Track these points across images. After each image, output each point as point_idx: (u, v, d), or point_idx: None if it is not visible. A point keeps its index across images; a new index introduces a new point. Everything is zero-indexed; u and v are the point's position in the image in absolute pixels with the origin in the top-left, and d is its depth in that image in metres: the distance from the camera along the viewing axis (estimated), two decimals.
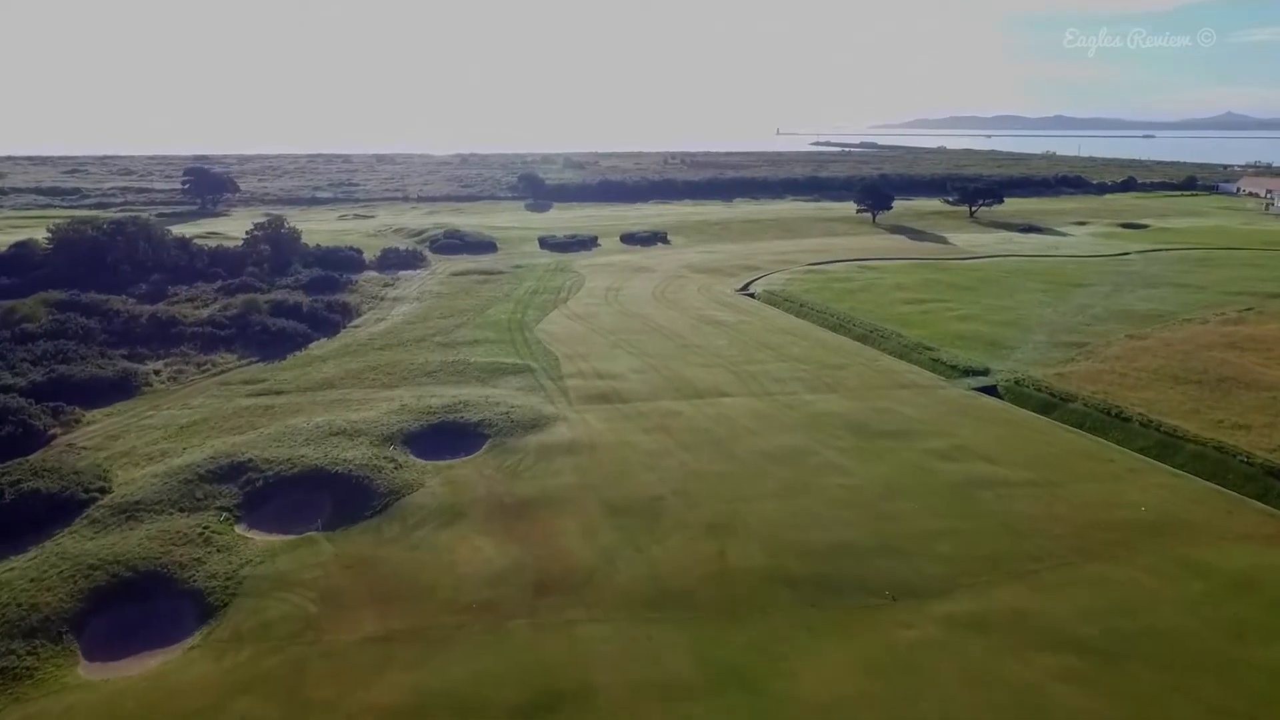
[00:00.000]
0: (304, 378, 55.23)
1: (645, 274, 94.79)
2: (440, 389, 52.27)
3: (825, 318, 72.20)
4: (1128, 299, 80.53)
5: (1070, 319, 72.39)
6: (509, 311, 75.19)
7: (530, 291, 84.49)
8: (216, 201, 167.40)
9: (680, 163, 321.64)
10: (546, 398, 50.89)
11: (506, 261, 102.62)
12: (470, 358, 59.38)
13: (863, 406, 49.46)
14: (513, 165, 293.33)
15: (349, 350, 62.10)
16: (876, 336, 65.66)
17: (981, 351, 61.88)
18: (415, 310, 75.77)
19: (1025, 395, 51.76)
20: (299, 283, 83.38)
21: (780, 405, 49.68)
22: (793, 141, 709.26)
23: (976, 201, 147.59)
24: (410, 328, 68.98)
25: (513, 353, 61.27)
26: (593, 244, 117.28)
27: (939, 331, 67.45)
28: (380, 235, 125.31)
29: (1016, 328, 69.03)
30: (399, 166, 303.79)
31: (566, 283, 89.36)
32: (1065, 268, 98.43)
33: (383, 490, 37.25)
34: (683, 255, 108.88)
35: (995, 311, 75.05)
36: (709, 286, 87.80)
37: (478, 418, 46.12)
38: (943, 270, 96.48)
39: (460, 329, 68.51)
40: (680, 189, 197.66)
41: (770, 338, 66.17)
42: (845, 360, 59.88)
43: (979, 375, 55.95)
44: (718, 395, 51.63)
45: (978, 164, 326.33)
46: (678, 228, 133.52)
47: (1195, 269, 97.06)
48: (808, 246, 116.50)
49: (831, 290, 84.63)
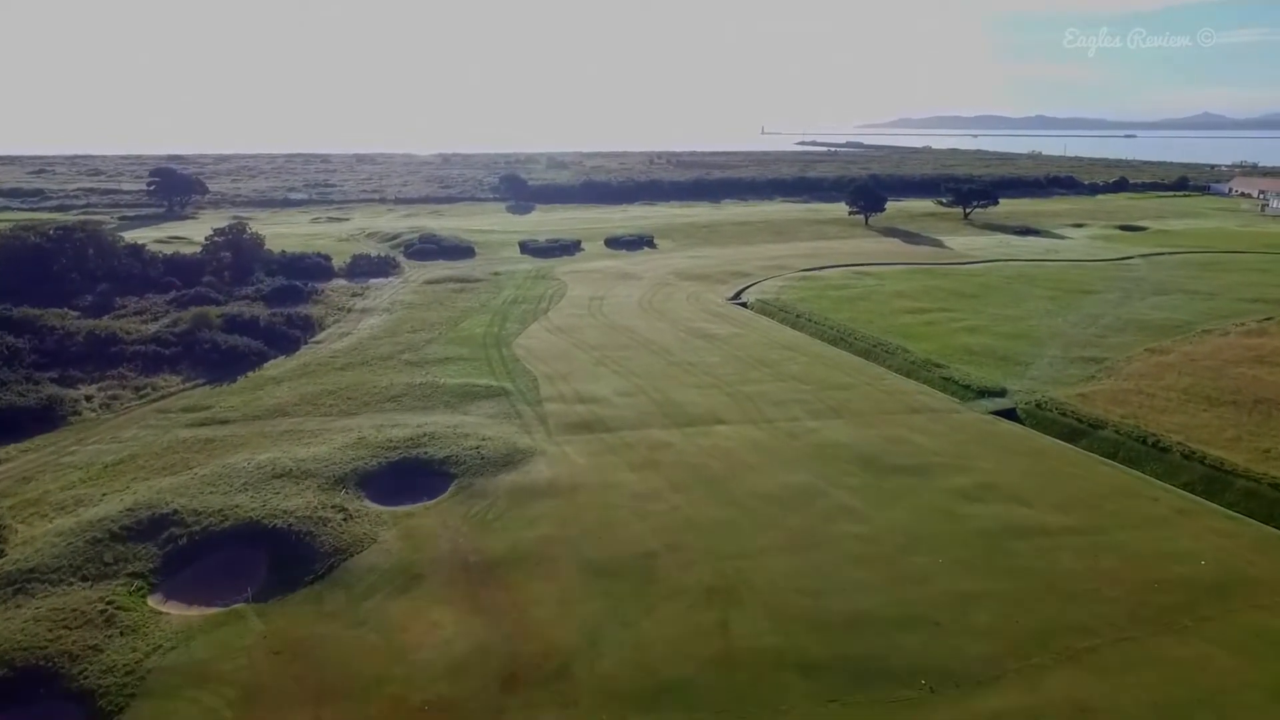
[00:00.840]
0: (253, 404, 49.87)
1: (631, 281, 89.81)
2: (404, 417, 47.09)
3: (824, 330, 67.47)
4: (1139, 307, 76.34)
5: (1083, 330, 68.02)
6: (485, 324, 70.00)
7: (509, 301, 79.31)
8: (184, 204, 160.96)
9: (666, 162, 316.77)
10: (523, 426, 45.82)
11: (485, 268, 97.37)
12: (440, 379, 54.20)
13: (872, 435, 44.68)
14: (495, 165, 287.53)
15: (307, 370, 56.76)
16: (880, 351, 60.98)
17: (994, 368, 57.34)
18: (384, 323, 70.45)
19: (1048, 420, 47.15)
20: (260, 293, 77.88)
21: (781, 434, 44.82)
22: (777, 141, 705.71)
23: (971, 203, 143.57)
24: (377, 343, 63.68)
25: (487, 372, 56.14)
26: (576, 249, 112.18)
27: (946, 345, 62.88)
28: (353, 240, 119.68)
29: (1028, 340, 64.57)
30: (379, 167, 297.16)
31: (548, 291, 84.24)
32: (1069, 273, 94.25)
33: (327, 548, 32.08)
34: (670, 260, 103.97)
35: (1003, 322, 70.59)
36: (698, 295, 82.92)
37: (444, 453, 41.00)
38: (943, 276, 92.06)
39: (431, 345, 63.27)
40: (666, 190, 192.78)
41: (766, 353, 61.35)
42: (849, 379, 55.12)
43: (995, 396, 51.34)
44: (712, 422, 46.71)
45: (965, 164, 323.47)
46: (664, 231, 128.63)
47: (1202, 274, 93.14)
48: (800, 250, 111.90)
49: (828, 299, 79.96)
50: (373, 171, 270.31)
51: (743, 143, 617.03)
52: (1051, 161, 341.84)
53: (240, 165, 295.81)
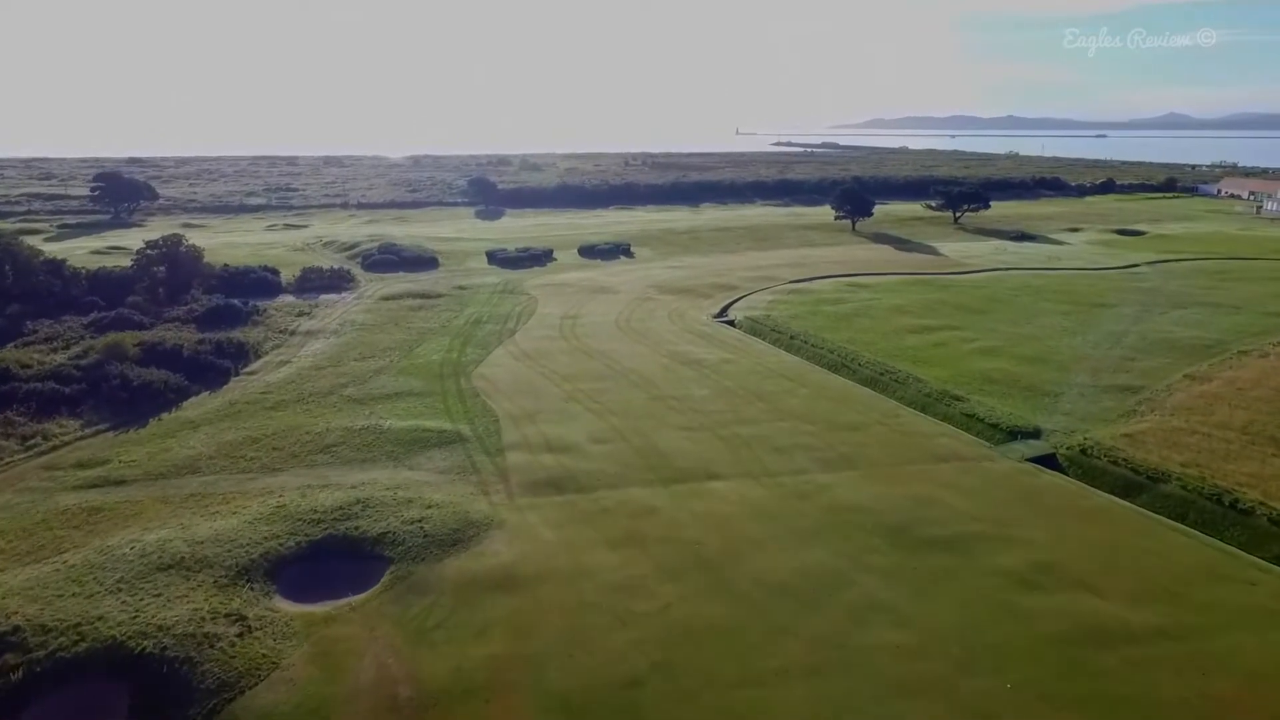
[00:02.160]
0: (160, 457, 41.91)
1: (607, 296, 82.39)
2: (338, 474, 39.40)
3: (822, 354, 60.48)
4: (1162, 323, 70.14)
5: (1108, 352, 61.59)
6: (443, 349, 62.29)
7: (472, 321, 71.59)
8: (132, 210, 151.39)
9: (642, 164, 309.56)
10: (479, 485, 38.29)
11: (448, 281, 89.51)
12: (386, 421, 46.50)
13: (896, 494, 37.62)
14: (467, 168, 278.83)
15: (232, 410, 48.79)
16: (889, 380, 54.05)
17: (1020, 400, 50.62)
18: (329, 348, 62.52)
19: (1097, 470, 40.37)
20: (192, 314, 69.60)
21: (788, 493, 37.65)
22: (753, 142, 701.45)
23: (961, 206, 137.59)
24: (318, 375, 55.81)
25: (441, 411, 48.50)
26: (547, 258, 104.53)
27: (961, 372, 56.12)
28: (307, 250, 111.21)
29: (1050, 365, 57.97)
30: (346, 169, 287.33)
31: (516, 308, 76.61)
32: (1077, 284, 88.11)
33: (211, 682, 24.43)
34: (649, 271, 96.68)
35: (1018, 342, 64.00)
36: (681, 312, 75.67)
37: (380, 527, 33.42)
38: (944, 288, 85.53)
39: (379, 376, 55.51)
40: (643, 193, 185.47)
41: (761, 384, 54.22)
42: (858, 417, 48.09)
43: (1030, 438, 44.51)
44: (704, 477, 39.45)
45: (945, 165, 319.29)
46: (642, 238, 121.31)
47: (1219, 284, 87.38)
48: (786, 259, 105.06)
49: (823, 315, 73.04)
50: (339, 175, 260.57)
51: (718, 143, 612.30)
52: (1031, 162, 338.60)
53: (202, 168, 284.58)
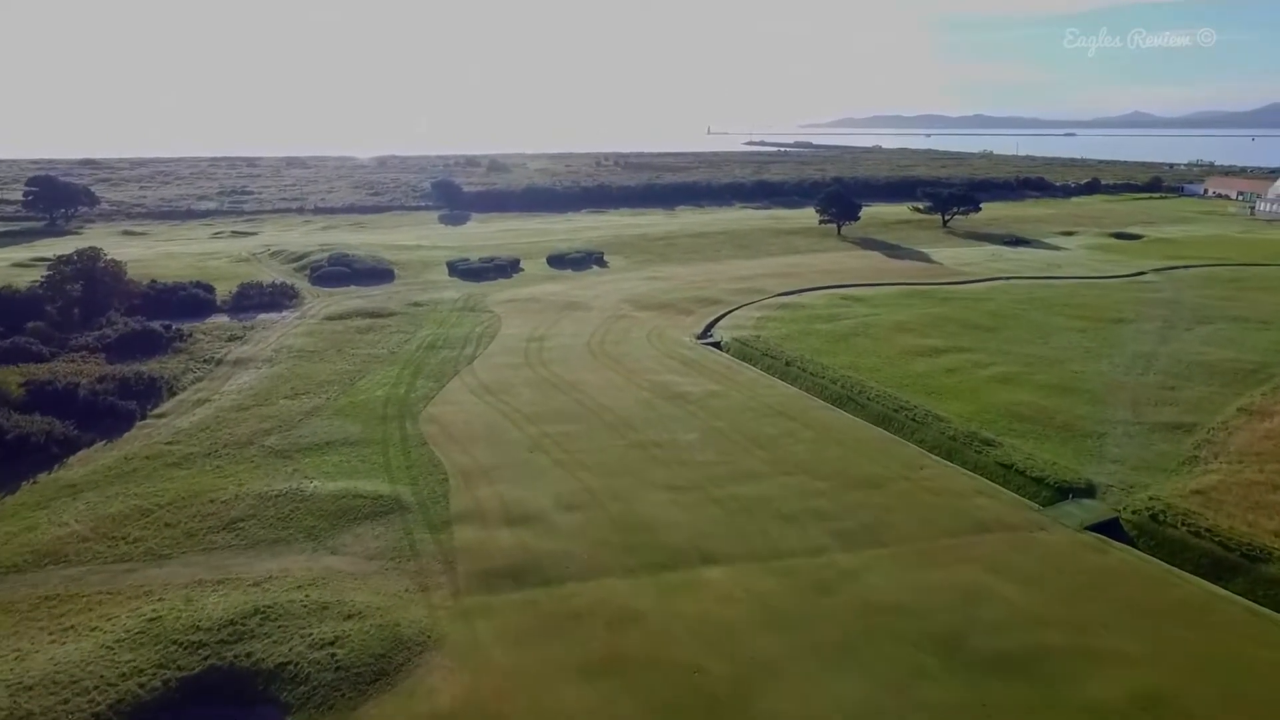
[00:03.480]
0: (21, 539, 33.51)
1: (578, 313, 74.54)
2: (241, 562, 31.31)
3: (824, 384, 53.14)
4: (1190, 342, 63.72)
5: (1141, 378, 54.92)
6: (390, 382, 54.16)
7: (426, 345, 63.44)
8: (69, 217, 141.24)
9: (614, 164, 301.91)
10: (416, 580, 30.39)
11: (403, 296, 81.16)
12: (310, 482, 38.40)
13: (938, 583, 30.25)
14: (434, 169, 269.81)
15: (126, 469, 40.39)
16: (905, 419, 46.77)
17: (1058, 444, 43.60)
18: (258, 382, 54.14)
19: (1175, 543, 33.28)
20: (104, 341, 60.83)
21: (805, 585, 30.14)
22: (725, 141, 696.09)
23: (951, 209, 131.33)
24: (239, 418, 47.48)
25: (380, 467, 40.49)
26: (513, 269, 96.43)
27: (984, 406, 49.05)
28: (253, 261, 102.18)
29: (1081, 395, 51.11)
30: (308, 171, 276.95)
31: (476, 329, 68.51)
32: (1085, 295, 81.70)
33: None
34: (623, 283, 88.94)
35: (1038, 367, 57.15)
36: (661, 332, 68.04)
37: (279, 655, 25.43)
38: (944, 301, 78.68)
39: (311, 419, 47.30)
40: (615, 196, 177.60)
41: (758, 424, 46.73)
42: (876, 468, 40.75)
43: (1083, 496, 37.42)
44: (699, 561, 31.84)
45: (921, 164, 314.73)
46: (615, 244, 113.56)
47: (1237, 294, 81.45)
48: (772, 268, 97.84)
49: (818, 335, 65.81)
50: (300, 177, 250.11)
51: (690, 143, 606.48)
52: (1008, 162, 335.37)
53: (157, 170, 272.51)
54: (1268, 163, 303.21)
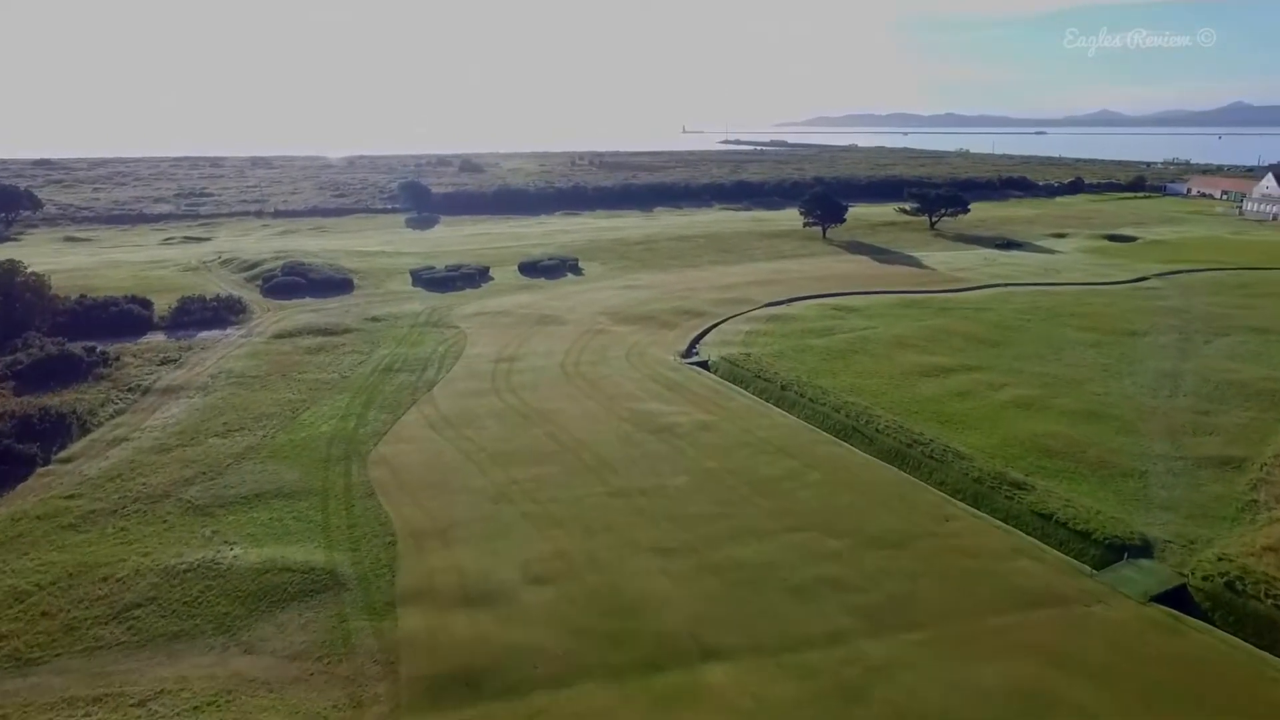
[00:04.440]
0: None
1: (551, 329, 68.56)
2: (124, 672, 25.14)
3: (825, 412, 47.63)
4: (1214, 357, 59.07)
5: (1170, 400, 50.03)
6: (338, 414, 47.93)
7: (382, 369, 57.19)
8: (10, 222, 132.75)
9: (589, 164, 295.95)
10: (347, 693, 24.41)
11: (361, 310, 74.71)
12: (231, 549, 32.24)
13: (989, 682, 24.76)
14: (404, 169, 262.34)
15: (8, 535, 33.89)
16: (920, 454, 41.38)
17: (1096, 484, 38.44)
18: (187, 416, 47.70)
19: (1261, 619, 28.05)
20: (16, 367, 54.00)
21: (829, 690, 24.52)
22: (701, 140, 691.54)
23: (938, 210, 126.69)
24: (157, 462, 41.10)
25: (317, 526, 34.39)
26: (482, 278, 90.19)
27: (1005, 438, 43.81)
28: (202, 269, 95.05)
29: (1110, 423, 46.07)
30: (274, 171, 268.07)
31: (439, 349, 62.35)
32: (1090, 304, 77.01)
33: None
34: (600, 293, 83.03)
35: (1057, 388, 52.10)
36: (642, 350, 62.27)
37: None
38: (943, 312, 73.61)
39: (243, 463, 41.02)
40: (591, 197, 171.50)
41: (755, 463, 41.13)
42: (897, 521, 35.25)
43: (1139, 555, 32.17)
44: (697, 657, 26.13)
45: (899, 163, 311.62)
46: (590, 250, 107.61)
47: (1249, 302, 77.19)
48: (757, 275, 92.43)
49: (814, 353, 60.38)
50: (264, 177, 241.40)
51: (666, 142, 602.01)
52: (986, 160, 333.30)
53: (115, 171, 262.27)
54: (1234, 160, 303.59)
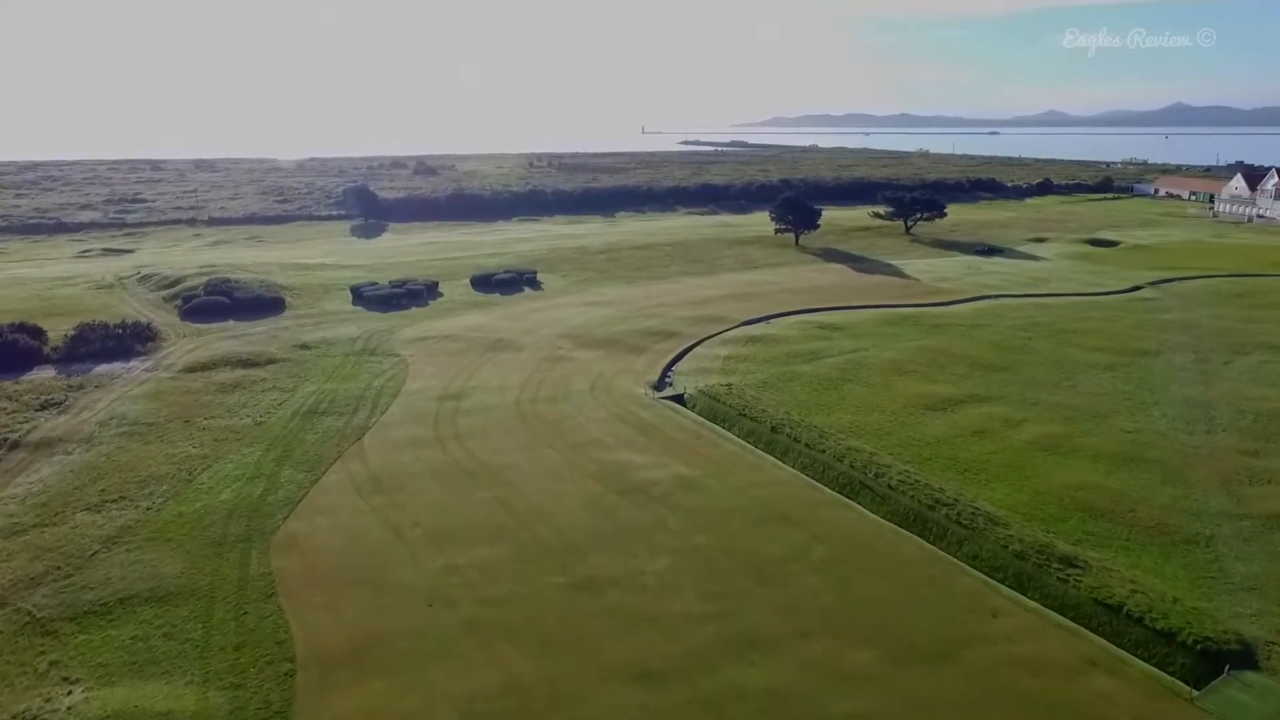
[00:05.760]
0: None
1: (505, 356, 60.90)
2: None
3: (824, 460, 40.69)
4: (1239, 380, 53.55)
5: (1212, 439, 44.09)
6: (245, 474, 39.80)
7: (305, 410, 49.02)
8: None
9: (548, 165, 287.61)
10: None
11: (290, 335, 66.26)
12: (68, 693, 24.29)
13: None
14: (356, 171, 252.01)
15: None
16: (944, 518, 34.61)
17: (1156, 554, 32.11)
18: (58, 480, 39.23)
19: None
20: None
21: None
22: (660, 140, 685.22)
23: (914, 214, 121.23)
24: (2, 551, 32.74)
25: (193, 650, 26.48)
26: (431, 294, 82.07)
27: (1037, 492, 37.36)
28: (116, 288, 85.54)
29: (1153, 470, 39.91)
30: (217, 175, 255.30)
31: (375, 383, 54.33)
32: (1090, 319, 71.45)
33: None
34: (560, 312, 75.46)
35: (1081, 423, 45.93)
36: (609, 382, 54.91)
37: None
38: (935, 329, 67.41)
39: (114, 549, 32.83)
40: (550, 202, 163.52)
41: (752, 538, 34.02)
42: (931, 618, 28.34)
43: (1241, 665, 25.68)
44: None
45: (861, 164, 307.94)
46: (551, 260, 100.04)
47: (1254, 314, 72.37)
48: (730, 287, 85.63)
49: (803, 382, 53.59)
50: (206, 181, 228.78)
51: (625, 142, 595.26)
52: (945, 160, 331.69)
53: (46, 175, 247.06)
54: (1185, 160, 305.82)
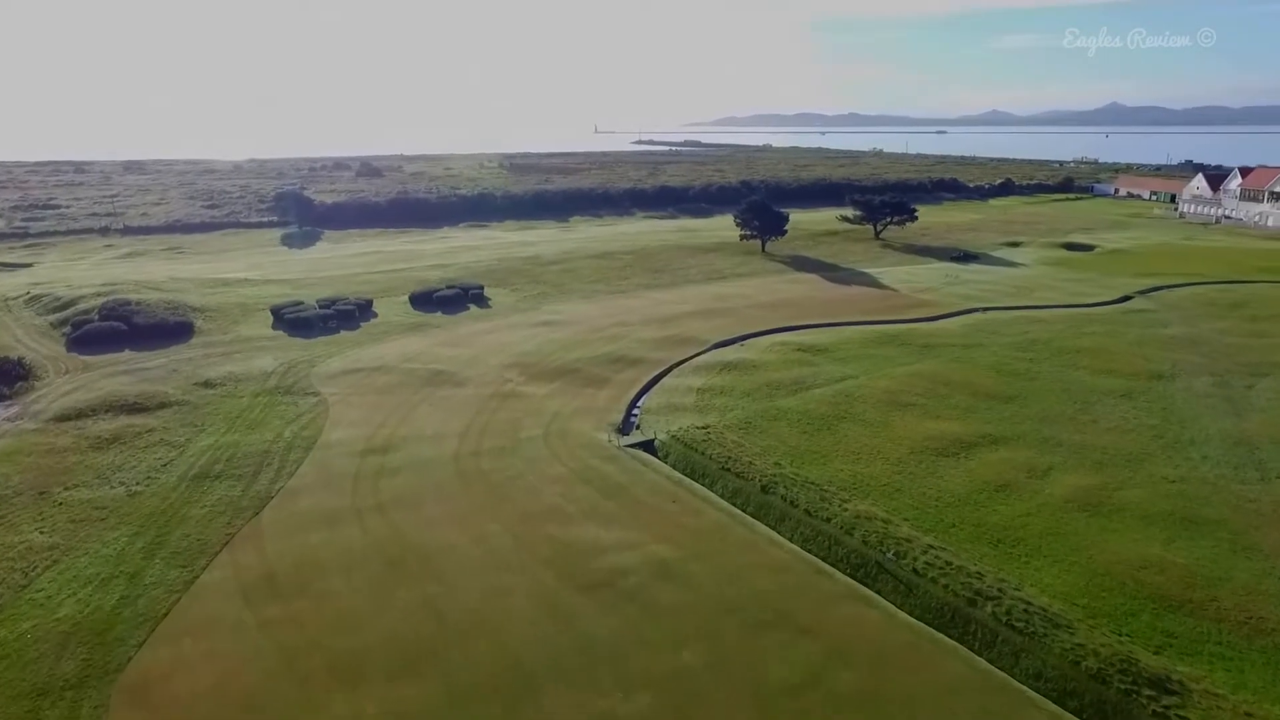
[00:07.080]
0: None
1: (445, 393, 52.67)
2: None
3: (831, 534, 33.50)
4: (1272, 410, 47.81)
5: (1266, 487, 37.94)
6: (97, 578, 31.06)
7: (194, 474, 40.26)
8: None
9: (498, 166, 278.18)
10: None
11: (193, 369, 57.11)
12: None
13: None
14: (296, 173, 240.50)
15: None
16: (990, 617, 27.63)
17: (1260, 664, 25.55)
18: None
19: None
20: None
21: None
22: (613, 140, 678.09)
23: (884, 218, 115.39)
24: None
25: None
26: (364, 314, 73.27)
27: (1094, 574, 30.59)
28: (3, 310, 75.15)
29: (1216, 534, 33.51)
30: (146, 178, 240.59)
31: (285, 432, 45.71)
32: (1089, 336, 65.63)
33: None
34: (510, 333, 67.33)
35: (1116, 470, 39.48)
36: (565, 425, 47.05)
37: None
38: (926, 351, 60.88)
39: None
40: (500, 206, 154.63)
41: (752, 654, 26.55)
42: None
43: None
44: None
45: (819, 163, 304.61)
46: (500, 272, 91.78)
47: (1256, 326, 67.41)
48: (697, 302, 78.33)
49: (790, 421, 46.40)
50: (130, 185, 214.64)
51: (577, 142, 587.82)
52: (901, 160, 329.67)
53: None
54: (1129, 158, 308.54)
